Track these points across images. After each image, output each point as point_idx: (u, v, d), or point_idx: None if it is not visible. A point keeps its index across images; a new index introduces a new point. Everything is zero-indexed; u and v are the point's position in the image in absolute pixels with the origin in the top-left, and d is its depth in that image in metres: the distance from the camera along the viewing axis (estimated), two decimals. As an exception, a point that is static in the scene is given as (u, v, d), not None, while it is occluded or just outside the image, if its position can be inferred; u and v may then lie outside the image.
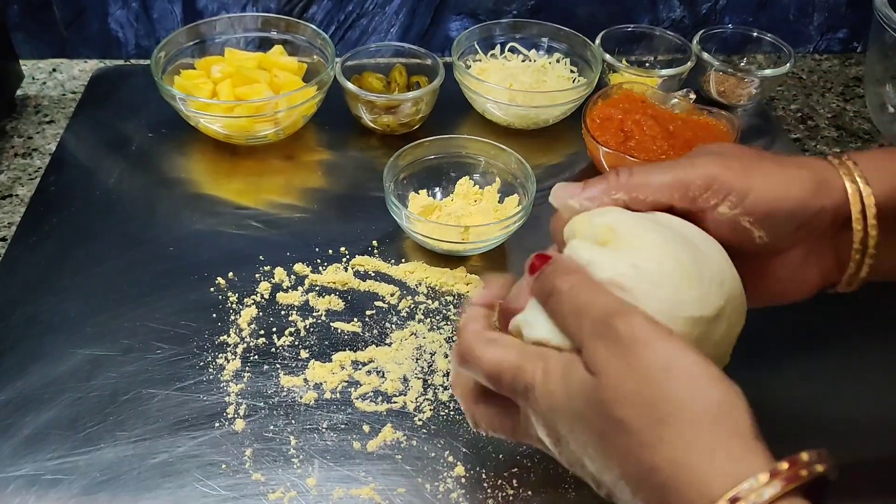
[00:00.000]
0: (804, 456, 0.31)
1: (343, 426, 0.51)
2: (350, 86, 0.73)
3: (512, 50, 0.81)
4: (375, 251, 0.64)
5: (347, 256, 0.63)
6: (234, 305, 0.59)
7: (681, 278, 0.36)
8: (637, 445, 0.32)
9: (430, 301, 0.60)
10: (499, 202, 0.66)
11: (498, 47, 0.81)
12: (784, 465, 0.30)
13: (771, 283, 0.44)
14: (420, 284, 0.61)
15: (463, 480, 0.48)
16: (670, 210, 0.42)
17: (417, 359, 0.56)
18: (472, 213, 0.64)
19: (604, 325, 0.34)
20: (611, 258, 0.37)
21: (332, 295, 0.60)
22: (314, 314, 0.58)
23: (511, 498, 0.47)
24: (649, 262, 0.36)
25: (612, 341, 0.34)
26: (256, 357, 0.55)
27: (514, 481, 0.48)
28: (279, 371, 0.54)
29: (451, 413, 0.52)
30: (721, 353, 0.39)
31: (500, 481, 0.48)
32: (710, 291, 0.37)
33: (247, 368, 0.54)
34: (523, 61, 0.81)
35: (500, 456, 0.50)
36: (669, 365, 0.33)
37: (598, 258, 0.37)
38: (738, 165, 0.42)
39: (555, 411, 0.36)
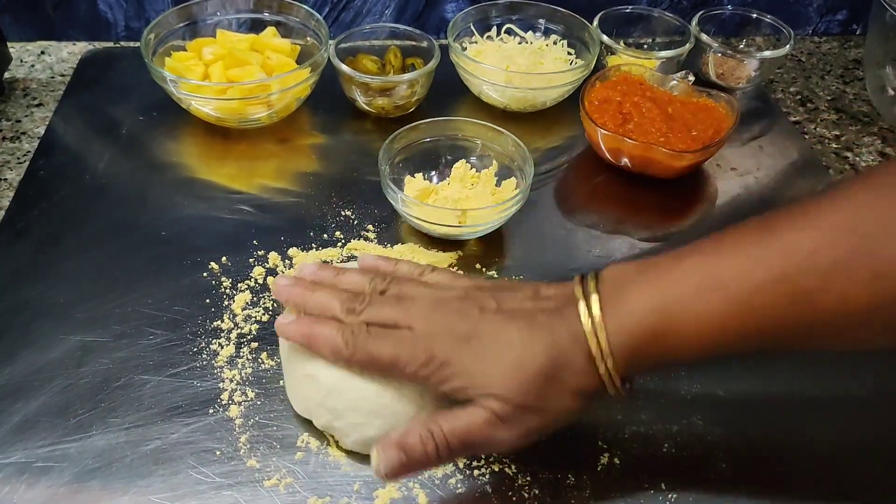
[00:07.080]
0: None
1: (339, 412, 0.50)
2: (344, 68, 0.71)
3: (508, 32, 0.80)
4: (371, 235, 0.63)
5: (343, 241, 0.62)
6: (227, 290, 0.58)
7: None
8: None
9: (426, 285, 0.59)
10: (496, 185, 0.65)
11: (494, 29, 0.80)
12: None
13: None
14: (416, 269, 0.60)
15: (461, 465, 0.48)
16: None
17: (414, 344, 0.55)
18: (468, 197, 0.63)
19: None
20: None
21: (328, 279, 0.59)
22: (309, 299, 0.57)
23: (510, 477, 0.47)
24: None
25: None
26: (251, 342, 0.54)
27: (514, 466, 0.48)
28: (274, 356, 0.53)
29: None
30: None
31: (500, 467, 0.48)
32: None
33: (241, 354, 0.53)
34: (520, 43, 0.80)
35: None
36: None
37: None
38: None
39: None
